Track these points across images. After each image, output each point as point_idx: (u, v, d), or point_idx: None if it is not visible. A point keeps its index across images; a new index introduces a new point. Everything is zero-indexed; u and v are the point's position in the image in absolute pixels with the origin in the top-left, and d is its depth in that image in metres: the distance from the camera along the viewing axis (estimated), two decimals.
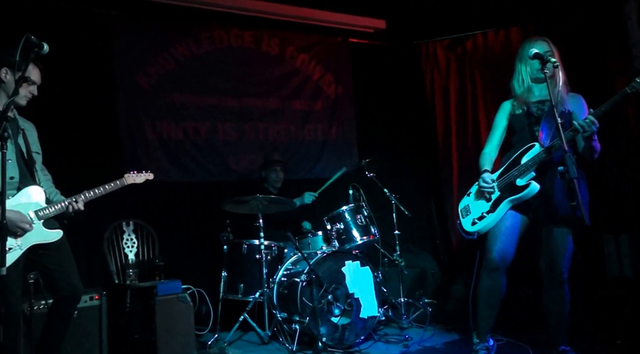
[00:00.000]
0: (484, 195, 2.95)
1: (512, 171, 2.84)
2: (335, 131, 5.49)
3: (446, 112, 5.76)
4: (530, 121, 2.88)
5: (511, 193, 2.83)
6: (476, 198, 3.03)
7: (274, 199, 4.03)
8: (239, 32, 5.04)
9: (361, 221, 4.09)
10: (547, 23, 4.90)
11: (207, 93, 4.86)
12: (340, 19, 5.40)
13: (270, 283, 3.90)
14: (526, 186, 2.77)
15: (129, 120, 4.48)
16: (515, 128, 2.97)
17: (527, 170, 2.78)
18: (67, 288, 2.81)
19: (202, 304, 4.11)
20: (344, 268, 3.79)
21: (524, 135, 2.91)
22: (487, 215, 2.91)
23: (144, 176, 3.20)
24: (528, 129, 2.89)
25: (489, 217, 2.90)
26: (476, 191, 3.04)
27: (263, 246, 3.91)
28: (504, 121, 3.03)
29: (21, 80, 2.58)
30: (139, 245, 4.23)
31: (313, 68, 5.41)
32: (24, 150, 2.79)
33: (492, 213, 2.89)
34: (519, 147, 2.90)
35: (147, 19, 4.63)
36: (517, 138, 2.97)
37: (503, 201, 2.86)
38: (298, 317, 3.59)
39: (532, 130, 2.87)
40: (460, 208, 3.11)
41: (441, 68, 5.81)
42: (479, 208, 2.97)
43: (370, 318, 3.78)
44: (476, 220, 2.95)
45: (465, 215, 3.06)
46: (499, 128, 3.05)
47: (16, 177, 2.69)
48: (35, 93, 2.82)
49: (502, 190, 2.89)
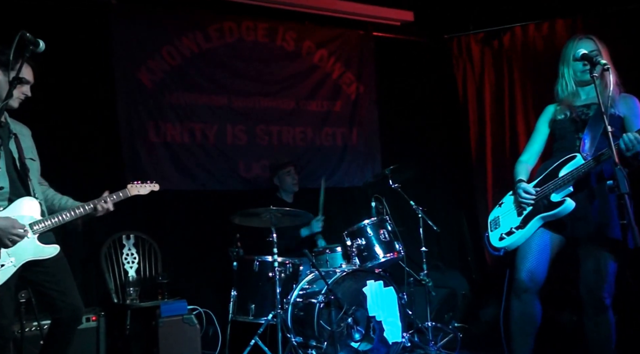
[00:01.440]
0: (517, 208, 2.93)
1: (549, 184, 2.80)
2: (356, 135, 5.49)
3: (480, 113, 5.72)
4: (574, 128, 2.85)
5: (544, 209, 2.80)
6: (508, 210, 3.01)
7: (290, 211, 4.03)
8: (252, 24, 5.07)
9: (384, 237, 4.08)
10: (601, 11, 4.84)
11: (216, 92, 4.89)
12: (363, 10, 5.40)
13: (285, 303, 3.89)
14: (561, 203, 2.73)
15: (130, 121, 4.52)
16: (557, 135, 2.95)
17: (564, 184, 2.74)
18: (66, 308, 2.81)
19: (209, 326, 4.14)
20: (365, 289, 3.78)
21: (565, 144, 2.88)
22: (517, 230, 2.89)
23: (149, 186, 3.19)
24: (570, 137, 2.86)
25: (518, 233, 2.88)
26: (510, 203, 3.02)
27: (276, 263, 3.89)
28: (545, 127, 3.01)
29: (15, 81, 2.60)
30: (140, 260, 4.27)
31: (332, 65, 5.42)
32: (16, 157, 2.79)
33: (521, 229, 2.87)
34: (558, 156, 2.87)
35: (150, 9, 4.67)
36: (557, 146, 2.95)
37: (535, 217, 2.83)
38: (315, 342, 3.59)
39: (574, 138, 2.84)
40: (490, 220, 3.09)
41: (475, 65, 5.78)
42: (509, 222, 2.96)
43: (394, 343, 3.76)
44: (504, 235, 2.93)
45: (494, 227, 3.04)
46: (539, 134, 3.04)
47: (6, 187, 2.69)
48: (29, 94, 2.82)
49: (535, 205, 2.86)
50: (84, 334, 3.48)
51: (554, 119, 2.95)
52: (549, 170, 2.85)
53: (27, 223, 2.71)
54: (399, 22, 5.58)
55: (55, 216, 2.81)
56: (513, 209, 2.97)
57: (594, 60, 2.62)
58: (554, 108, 3.00)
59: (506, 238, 2.91)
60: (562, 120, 2.90)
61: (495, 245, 2.97)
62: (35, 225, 2.74)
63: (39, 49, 2.59)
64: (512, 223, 2.93)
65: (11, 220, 2.62)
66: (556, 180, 2.77)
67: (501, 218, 3.02)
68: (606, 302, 2.76)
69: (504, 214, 3.02)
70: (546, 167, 2.91)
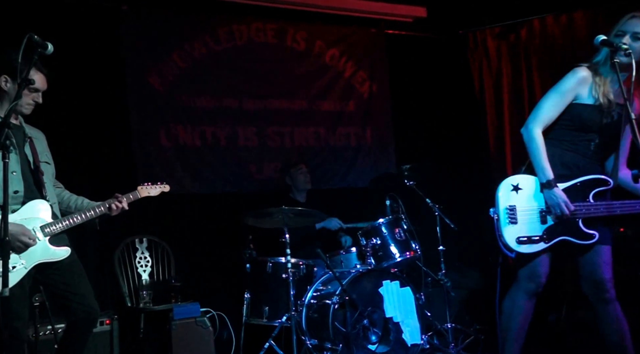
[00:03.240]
0: (541, 212, 2.80)
1: (579, 205, 2.72)
2: (370, 135, 5.54)
3: (498, 109, 5.72)
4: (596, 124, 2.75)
5: (572, 235, 2.75)
6: (528, 207, 2.82)
7: (302, 211, 4.08)
8: (261, 25, 5.16)
9: (400, 236, 4.10)
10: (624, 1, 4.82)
11: (226, 94, 4.99)
12: (375, 7, 5.46)
13: (299, 305, 3.93)
14: (591, 236, 2.72)
15: (141, 125, 4.64)
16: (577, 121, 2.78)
17: (594, 215, 2.72)
18: (82, 310, 2.89)
19: (223, 329, 4.19)
20: (381, 289, 3.81)
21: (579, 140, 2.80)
22: (540, 241, 2.78)
23: (159, 188, 3.28)
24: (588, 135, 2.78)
25: (541, 245, 2.78)
26: (531, 196, 2.83)
27: (290, 264, 3.93)
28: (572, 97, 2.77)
29: (23, 83, 2.69)
30: (153, 264, 4.36)
31: (344, 65, 5.49)
32: (31, 161, 2.89)
33: (545, 243, 2.77)
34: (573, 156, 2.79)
35: (159, 13, 4.80)
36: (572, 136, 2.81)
37: (560, 236, 2.76)
38: (330, 344, 3.63)
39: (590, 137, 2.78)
40: (505, 205, 2.83)
41: (492, 61, 5.77)
42: (532, 227, 2.79)
43: (413, 346, 3.77)
44: (524, 239, 2.78)
45: (509, 219, 2.81)
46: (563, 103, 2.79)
47: (21, 190, 2.79)
48: (40, 101, 2.92)
49: (562, 222, 2.75)
50: (97, 338, 3.57)
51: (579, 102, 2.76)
52: (578, 183, 2.77)
53: (38, 226, 2.80)
54: (411, 19, 5.62)
55: (66, 219, 2.90)
56: (536, 211, 2.81)
57: (615, 44, 2.52)
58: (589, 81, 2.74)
59: (526, 245, 2.78)
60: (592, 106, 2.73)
61: (510, 246, 2.79)
62: (47, 228, 2.83)
63: (47, 51, 2.65)
64: (534, 230, 2.78)
65: (22, 227, 2.71)
66: (587, 206, 2.72)
67: (519, 212, 2.80)
68: (613, 293, 2.76)
69: (524, 210, 2.81)
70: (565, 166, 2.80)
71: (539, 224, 2.80)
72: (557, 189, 2.73)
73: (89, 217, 2.93)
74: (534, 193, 2.84)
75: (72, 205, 3.07)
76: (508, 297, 2.96)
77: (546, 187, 2.76)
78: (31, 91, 2.86)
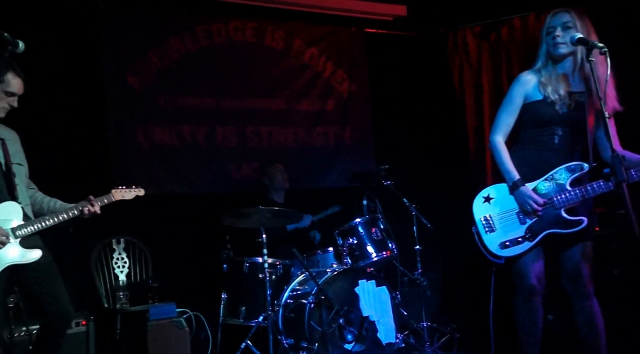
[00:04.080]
0: (518, 215, 2.87)
1: (558, 197, 2.78)
2: (349, 134, 5.61)
3: (478, 109, 5.78)
4: (555, 117, 2.83)
5: (557, 226, 2.80)
6: (503, 211, 2.92)
7: (279, 211, 4.14)
8: (240, 24, 5.20)
9: (377, 236, 4.18)
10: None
11: (205, 94, 5.03)
12: (354, 6, 5.52)
13: (275, 305, 4.00)
14: (578, 223, 2.76)
15: (118, 125, 4.67)
16: (534, 119, 2.87)
17: (575, 200, 2.75)
18: (56, 312, 2.93)
19: (200, 329, 4.25)
20: (357, 288, 3.88)
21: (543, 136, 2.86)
22: (524, 241, 2.85)
23: (134, 191, 3.32)
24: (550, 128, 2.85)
25: (526, 245, 2.85)
26: (504, 203, 2.92)
27: (267, 264, 3.99)
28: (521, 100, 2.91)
29: None
30: (130, 264, 4.40)
31: (323, 64, 5.55)
32: (2, 163, 2.92)
33: (529, 241, 2.84)
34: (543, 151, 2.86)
35: (137, 12, 4.83)
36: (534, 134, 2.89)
37: (544, 231, 2.81)
38: (306, 343, 3.69)
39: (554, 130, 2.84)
40: (480, 217, 2.95)
41: (472, 60, 5.83)
42: (512, 230, 2.88)
43: (388, 344, 3.85)
44: (508, 244, 2.86)
45: (487, 229, 2.93)
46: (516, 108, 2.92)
47: None
48: (15, 105, 2.95)
49: (542, 216, 2.82)
50: (73, 339, 3.60)
51: (530, 101, 2.87)
52: (551, 176, 2.83)
53: (9, 228, 2.83)
54: (391, 17, 5.67)
55: (38, 221, 2.93)
56: (511, 213, 2.88)
57: (590, 43, 2.58)
58: (533, 81, 2.88)
59: (512, 248, 2.85)
60: (545, 103, 2.83)
61: (495, 253, 2.88)
62: (18, 230, 2.86)
63: (18, 49, 2.70)
64: (516, 232, 2.86)
65: None
66: (565, 194, 2.77)
67: (496, 220, 2.91)
68: (591, 288, 2.84)
69: (500, 216, 2.91)
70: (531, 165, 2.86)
71: (518, 225, 2.88)
72: (523, 188, 2.81)
73: (61, 220, 2.97)
74: (507, 198, 2.92)
75: (45, 206, 3.11)
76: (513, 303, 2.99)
77: (513, 188, 2.85)
78: (7, 95, 2.89)
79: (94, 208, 3.05)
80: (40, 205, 3.13)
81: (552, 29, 2.83)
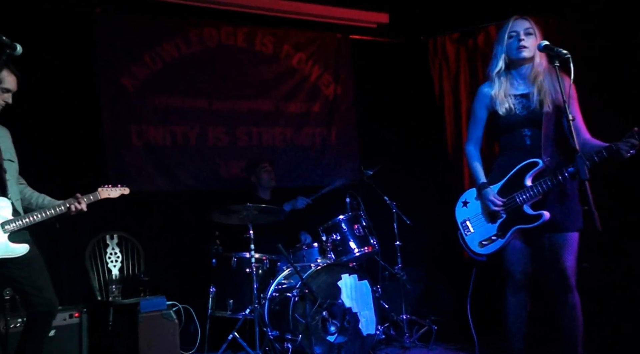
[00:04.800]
0: (489, 215, 2.98)
1: (518, 194, 2.84)
2: (334, 135, 5.64)
3: (456, 112, 5.83)
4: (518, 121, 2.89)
5: (522, 222, 2.87)
6: (477, 213, 3.05)
7: (265, 208, 4.19)
8: (231, 29, 5.22)
9: (359, 232, 4.23)
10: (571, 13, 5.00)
11: (197, 95, 5.04)
12: (340, 13, 5.54)
13: (262, 298, 4.03)
14: (538, 217, 2.81)
15: (112, 125, 4.66)
16: (501, 127, 2.95)
17: (535, 197, 2.81)
18: (41, 303, 2.97)
19: (189, 321, 4.27)
20: (340, 282, 3.91)
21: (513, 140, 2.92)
22: (497, 238, 2.95)
23: (119, 190, 3.35)
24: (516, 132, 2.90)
25: (499, 242, 2.95)
26: (477, 206, 3.06)
27: (253, 259, 4.05)
28: (483, 112, 3.01)
29: None
30: (123, 259, 4.41)
31: (311, 68, 5.58)
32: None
33: (501, 238, 2.93)
34: (511, 156, 2.92)
35: (132, 16, 4.83)
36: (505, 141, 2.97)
37: (512, 227, 2.89)
38: (290, 335, 3.72)
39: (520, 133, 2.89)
40: (460, 221, 3.12)
41: (451, 65, 5.87)
42: (485, 229, 3.00)
43: (369, 336, 3.89)
44: (484, 243, 2.99)
45: (466, 231, 3.07)
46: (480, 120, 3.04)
47: None
48: (10, 102, 2.98)
49: (509, 214, 2.91)
50: (66, 330, 3.62)
51: (495, 110, 2.94)
52: (512, 176, 2.89)
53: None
54: (374, 25, 5.71)
55: (26, 217, 2.95)
56: (483, 214, 3.01)
57: (555, 50, 2.65)
58: (490, 92, 2.96)
59: (488, 246, 2.97)
60: (504, 112, 2.90)
61: (476, 251, 3.02)
62: (6, 225, 2.89)
63: (16, 52, 2.69)
64: (489, 231, 2.97)
65: None
66: (525, 191, 2.82)
67: (472, 222, 3.06)
68: (572, 281, 2.87)
69: (474, 218, 3.06)
70: (503, 167, 2.95)
71: (490, 223, 2.99)
72: (486, 190, 2.95)
73: (48, 216, 2.99)
74: (479, 202, 3.06)
75: (34, 202, 3.13)
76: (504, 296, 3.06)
77: (479, 191, 3.01)
78: (3, 91, 2.92)
79: (80, 206, 3.07)
80: (29, 201, 3.15)
81: (514, 33, 2.90)
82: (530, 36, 2.87)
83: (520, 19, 2.93)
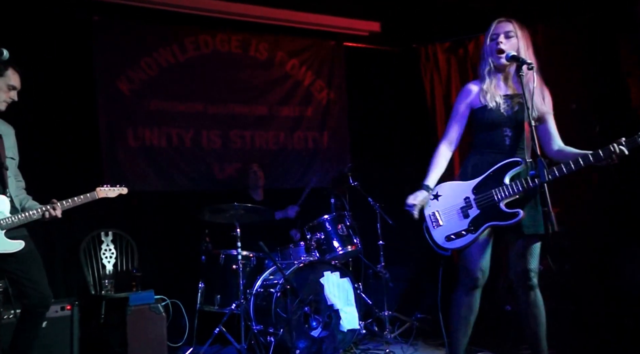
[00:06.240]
0: (461, 210, 2.87)
1: (496, 191, 2.77)
2: (326, 139, 5.62)
3: (448, 118, 5.78)
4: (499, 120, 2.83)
5: (496, 218, 2.78)
6: (448, 207, 2.91)
7: (252, 208, 4.17)
8: (226, 36, 5.23)
9: (343, 231, 4.19)
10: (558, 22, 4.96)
11: (192, 99, 5.04)
12: (333, 21, 5.54)
13: (248, 294, 4.01)
14: (514, 215, 2.73)
15: (109, 127, 4.68)
16: (481, 124, 2.88)
17: (513, 195, 2.74)
18: (36, 296, 2.98)
19: (178, 315, 4.25)
20: (322, 279, 3.88)
21: (492, 138, 2.86)
22: (467, 234, 2.83)
23: (117, 190, 3.33)
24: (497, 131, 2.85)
25: (469, 237, 2.83)
26: (448, 199, 2.92)
27: (240, 256, 4.04)
28: (467, 110, 2.95)
29: None
30: (117, 255, 4.42)
31: (304, 74, 5.56)
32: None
33: (472, 233, 2.82)
34: (489, 153, 2.85)
35: (129, 24, 4.85)
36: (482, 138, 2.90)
37: (485, 223, 2.80)
38: (273, 329, 3.70)
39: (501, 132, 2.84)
40: (429, 214, 2.96)
41: (442, 73, 5.83)
42: (455, 224, 2.87)
43: (350, 331, 3.85)
44: (453, 237, 2.85)
45: (434, 224, 2.93)
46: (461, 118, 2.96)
47: None
48: (15, 99, 3.01)
49: (483, 210, 2.81)
50: (59, 321, 3.61)
51: (481, 105, 2.86)
52: (492, 173, 2.81)
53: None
54: (367, 33, 5.70)
55: (20, 214, 2.97)
56: (456, 208, 2.88)
57: (520, 60, 2.64)
58: (478, 88, 2.90)
59: (456, 241, 2.84)
60: (487, 109, 2.83)
61: (442, 245, 2.87)
62: (3, 221, 2.90)
63: (2, 58, 2.75)
64: (460, 225, 2.85)
65: None
66: (503, 189, 2.75)
67: (442, 215, 2.91)
68: (535, 281, 2.81)
69: (444, 211, 2.92)
70: (479, 165, 2.87)
71: (462, 219, 2.86)
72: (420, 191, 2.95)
73: (28, 218, 2.98)
74: (452, 194, 2.92)
75: (23, 203, 3.13)
76: (453, 293, 2.97)
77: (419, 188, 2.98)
78: (9, 89, 2.95)
79: (55, 212, 3.01)
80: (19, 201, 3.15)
81: (495, 36, 2.84)
82: (512, 39, 2.80)
83: (504, 22, 2.85)
